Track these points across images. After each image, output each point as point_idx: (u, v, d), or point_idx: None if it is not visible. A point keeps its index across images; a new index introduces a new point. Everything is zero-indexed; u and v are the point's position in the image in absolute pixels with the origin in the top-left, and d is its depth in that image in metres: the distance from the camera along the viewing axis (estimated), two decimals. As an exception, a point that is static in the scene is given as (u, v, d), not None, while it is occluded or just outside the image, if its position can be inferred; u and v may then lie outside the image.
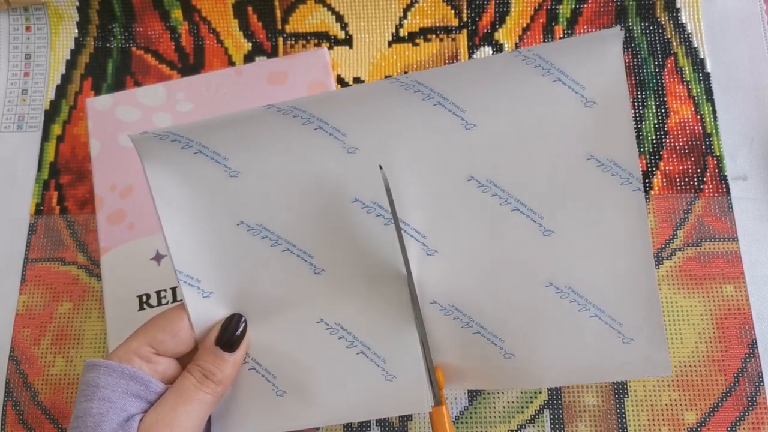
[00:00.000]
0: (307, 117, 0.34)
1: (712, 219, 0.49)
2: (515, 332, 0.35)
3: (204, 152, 0.34)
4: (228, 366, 0.32)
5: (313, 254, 0.34)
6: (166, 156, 0.34)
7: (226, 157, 0.34)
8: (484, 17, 0.54)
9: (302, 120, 0.34)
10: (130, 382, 0.31)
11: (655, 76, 0.52)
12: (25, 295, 0.49)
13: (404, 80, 0.33)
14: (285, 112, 0.33)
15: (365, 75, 0.54)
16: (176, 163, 0.34)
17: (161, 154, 0.34)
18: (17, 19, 0.56)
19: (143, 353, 0.32)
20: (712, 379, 0.45)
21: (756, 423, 0.44)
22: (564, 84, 0.33)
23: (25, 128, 0.54)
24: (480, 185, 0.34)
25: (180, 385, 0.32)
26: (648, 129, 0.51)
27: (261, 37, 0.55)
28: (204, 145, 0.34)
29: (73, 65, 0.55)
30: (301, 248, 0.34)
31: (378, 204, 0.34)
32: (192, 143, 0.34)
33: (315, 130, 0.34)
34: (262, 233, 0.34)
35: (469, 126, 0.34)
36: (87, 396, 0.31)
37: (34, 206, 0.52)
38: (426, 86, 0.34)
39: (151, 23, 0.55)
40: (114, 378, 0.31)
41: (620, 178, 0.34)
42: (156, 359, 0.32)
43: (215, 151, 0.34)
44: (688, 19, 0.53)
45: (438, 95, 0.34)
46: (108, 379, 0.31)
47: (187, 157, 0.34)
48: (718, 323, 0.46)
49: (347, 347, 0.34)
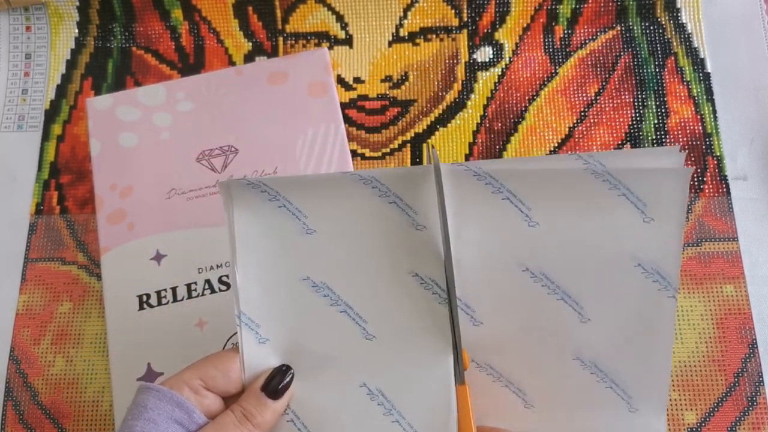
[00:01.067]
0: (384, 190, 0.36)
1: (712, 219, 0.49)
2: (538, 389, 0.39)
3: (288, 207, 0.36)
4: (269, 412, 0.34)
5: (367, 320, 0.36)
6: (254, 204, 0.36)
7: (306, 215, 0.36)
8: (485, 17, 0.54)
9: (380, 192, 0.36)
10: (176, 408, 0.32)
11: (655, 76, 0.52)
12: (25, 294, 0.49)
13: (476, 170, 0.36)
14: (366, 182, 0.36)
15: (365, 75, 0.54)
16: (262, 212, 0.36)
17: (250, 201, 0.36)
18: (17, 18, 0.56)
19: (193, 384, 0.33)
20: (712, 379, 0.45)
21: (756, 423, 0.44)
22: (629, 200, 0.37)
23: (26, 128, 0.54)
24: (533, 276, 0.38)
25: (221, 420, 0.33)
26: (648, 129, 0.51)
27: (261, 36, 0.55)
28: (289, 200, 0.36)
29: (74, 65, 0.55)
30: (358, 312, 0.36)
31: (435, 282, 0.36)
32: (279, 197, 0.36)
33: (389, 204, 0.36)
34: (325, 291, 0.36)
35: (532, 223, 0.37)
36: (134, 415, 0.32)
37: (34, 206, 0.52)
38: (497, 180, 0.37)
39: (151, 23, 0.55)
40: (162, 402, 0.32)
41: (659, 285, 0.37)
42: (204, 393, 0.34)
43: (297, 208, 0.36)
44: (689, 18, 0.53)
45: (507, 191, 0.37)
46: (156, 402, 0.32)
47: (272, 208, 0.36)
48: (719, 323, 0.46)
49: (384, 414, 0.35)
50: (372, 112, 0.53)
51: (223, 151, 0.49)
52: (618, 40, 0.53)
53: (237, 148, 0.49)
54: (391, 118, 0.52)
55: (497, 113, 0.52)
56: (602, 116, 0.51)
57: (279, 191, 0.36)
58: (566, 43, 0.53)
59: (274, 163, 0.49)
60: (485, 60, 0.53)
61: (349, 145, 0.50)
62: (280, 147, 0.49)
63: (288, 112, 0.50)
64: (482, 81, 0.53)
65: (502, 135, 0.51)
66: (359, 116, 0.52)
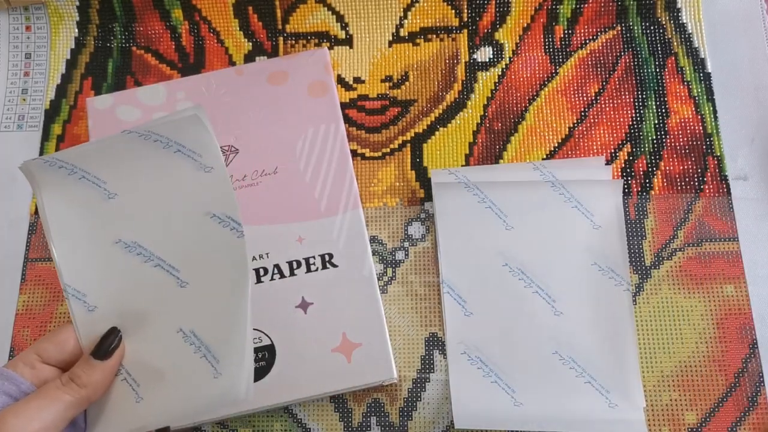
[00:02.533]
0: (166, 141, 0.38)
1: (712, 219, 0.49)
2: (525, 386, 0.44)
3: (87, 177, 0.38)
4: (97, 372, 0.36)
5: (179, 268, 0.38)
6: (56, 180, 0.38)
7: (105, 181, 0.38)
8: (485, 17, 0.54)
9: (162, 144, 0.38)
10: (5, 382, 0.35)
11: (655, 76, 0.52)
12: (25, 294, 0.49)
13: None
14: (146, 137, 0.38)
15: (365, 75, 0.54)
16: (65, 186, 0.38)
17: (52, 178, 0.38)
18: (17, 18, 0.56)
19: (29, 360, 0.36)
20: (712, 380, 0.45)
21: (757, 423, 0.44)
22: (580, 211, 0.47)
23: (25, 128, 0.54)
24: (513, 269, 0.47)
25: (46, 385, 0.35)
26: (648, 129, 0.51)
27: (261, 36, 0.55)
28: (86, 170, 0.38)
29: (74, 65, 0.55)
30: (170, 263, 0.38)
31: (231, 218, 0.38)
32: (77, 169, 0.38)
33: (175, 152, 0.38)
34: (137, 249, 0.38)
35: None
36: None
37: (34, 206, 0.52)
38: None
39: (151, 23, 0.55)
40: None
41: (614, 281, 0.46)
42: (40, 366, 0.36)
43: (96, 176, 0.38)
44: (689, 18, 0.53)
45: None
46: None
47: (73, 181, 0.38)
48: (719, 323, 0.46)
49: (194, 353, 0.37)
50: (372, 112, 0.53)
51: (223, 151, 0.49)
52: (618, 40, 0.53)
53: (237, 148, 0.49)
54: (391, 118, 0.52)
55: (497, 113, 0.52)
56: (602, 116, 0.51)
57: (75, 164, 0.38)
58: (566, 43, 0.53)
59: (274, 163, 0.49)
60: (485, 60, 0.53)
61: (349, 145, 0.50)
62: (280, 147, 0.49)
63: (288, 111, 0.50)
64: (482, 81, 0.53)
65: (502, 135, 0.51)
66: (359, 116, 0.52)
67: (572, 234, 0.47)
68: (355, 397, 0.46)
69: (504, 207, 0.48)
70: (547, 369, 0.45)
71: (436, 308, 0.47)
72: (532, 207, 0.48)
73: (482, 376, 0.45)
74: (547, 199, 0.48)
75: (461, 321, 0.46)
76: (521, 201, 0.48)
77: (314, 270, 0.46)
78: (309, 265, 0.46)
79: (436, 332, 0.47)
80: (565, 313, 0.46)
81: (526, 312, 0.46)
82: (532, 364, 0.45)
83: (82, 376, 0.35)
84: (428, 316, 0.47)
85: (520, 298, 0.46)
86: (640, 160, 0.50)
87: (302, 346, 0.45)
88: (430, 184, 0.49)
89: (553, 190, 0.48)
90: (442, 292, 0.47)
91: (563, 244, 0.47)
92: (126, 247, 0.38)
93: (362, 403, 0.46)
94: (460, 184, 0.48)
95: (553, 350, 0.45)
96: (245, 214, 0.47)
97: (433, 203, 0.49)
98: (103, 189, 0.38)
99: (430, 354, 0.46)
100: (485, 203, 0.48)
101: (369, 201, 0.50)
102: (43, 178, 0.38)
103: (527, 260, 0.47)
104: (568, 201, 0.47)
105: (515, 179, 0.48)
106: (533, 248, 0.47)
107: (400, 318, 0.47)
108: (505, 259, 0.47)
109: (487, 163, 0.51)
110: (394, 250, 0.49)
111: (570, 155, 0.50)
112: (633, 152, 0.50)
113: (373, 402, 0.46)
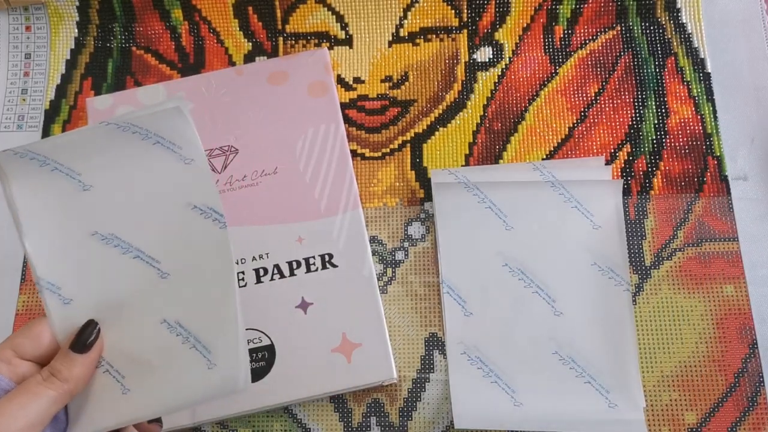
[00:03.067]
0: (145, 133, 0.37)
1: (712, 219, 0.49)
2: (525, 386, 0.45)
3: (60, 169, 0.37)
4: (77, 366, 0.35)
5: (160, 260, 0.37)
6: (27, 172, 0.37)
7: (80, 173, 0.37)
8: (485, 17, 0.54)
9: (141, 135, 0.37)
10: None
11: (655, 76, 0.52)
12: (25, 294, 0.49)
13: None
14: (125, 129, 0.37)
15: (365, 75, 0.54)
16: (37, 179, 0.37)
17: (22, 170, 0.37)
18: (17, 18, 0.56)
19: (4, 356, 0.35)
20: (712, 380, 0.45)
21: (756, 423, 0.44)
22: (580, 212, 0.48)
23: (25, 128, 0.54)
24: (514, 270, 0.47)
25: (26, 382, 0.35)
26: (648, 129, 0.51)
27: (261, 37, 0.55)
28: (59, 162, 0.37)
29: (73, 65, 0.55)
30: (149, 254, 0.37)
31: (213, 209, 0.37)
32: (49, 161, 0.37)
33: (154, 144, 0.37)
34: (114, 241, 0.37)
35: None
36: None
37: (34, 206, 0.51)
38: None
39: (151, 23, 0.55)
40: None
41: (614, 281, 0.46)
42: (17, 362, 0.35)
43: (69, 168, 0.37)
44: (689, 19, 0.53)
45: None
46: None
47: (46, 173, 0.37)
48: (719, 323, 0.46)
49: (182, 343, 0.36)
50: (372, 112, 0.53)
51: (223, 151, 0.49)
52: (618, 40, 0.53)
53: (237, 148, 0.49)
54: (391, 118, 0.52)
55: (497, 113, 0.52)
56: (602, 116, 0.51)
57: (48, 156, 0.37)
58: (566, 43, 0.53)
59: (274, 163, 0.49)
60: (485, 60, 0.53)
61: (349, 145, 0.50)
62: (280, 147, 0.49)
63: (288, 112, 0.50)
64: (482, 81, 0.53)
65: (501, 135, 0.51)
66: (359, 116, 0.52)
67: (572, 234, 0.47)
68: (355, 397, 0.46)
69: (504, 207, 0.48)
70: (546, 369, 0.45)
71: (436, 308, 0.47)
72: (532, 207, 0.48)
73: (482, 376, 0.45)
74: (547, 199, 0.48)
75: (461, 321, 0.46)
76: (521, 201, 0.48)
77: (314, 270, 0.46)
78: (309, 265, 0.46)
79: (435, 332, 0.47)
80: (565, 313, 0.46)
81: (526, 312, 0.46)
82: (531, 364, 0.45)
83: (63, 371, 0.35)
84: (428, 316, 0.47)
85: (519, 298, 0.46)
86: (640, 160, 0.50)
87: (302, 346, 0.45)
88: (430, 184, 0.49)
89: (553, 190, 0.48)
90: (442, 292, 0.47)
91: (563, 244, 0.47)
92: (103, 239, 0.37)
93: (362, 403, 0.46)
94: (460, 184, 0.48)
95: (552, 350, 0.45)
96: (245, 214, 0.47)
97: (433, 203, 0.49)
98: (77, 181, 0.37)
99: (429, 354, 0.46)
100: (485, 203, 0.48)
101: (369, 201, 0.50)
102: (12, 170, 0.37)
103: (527, 260, 0.47)
104: (568, 201, 0.48)
105: (515, 179, 0.48)
106: (533, 248, 0.47)
107: (399, 318, 0.47)
108: (504, 259, 0.47)
109: (487, 163, 0.51)
110: (393, 250, 0.49)
111: (570, 155, 0.50)
112: (633, 152, 0.50)
113: (373, 402, 0.46)
